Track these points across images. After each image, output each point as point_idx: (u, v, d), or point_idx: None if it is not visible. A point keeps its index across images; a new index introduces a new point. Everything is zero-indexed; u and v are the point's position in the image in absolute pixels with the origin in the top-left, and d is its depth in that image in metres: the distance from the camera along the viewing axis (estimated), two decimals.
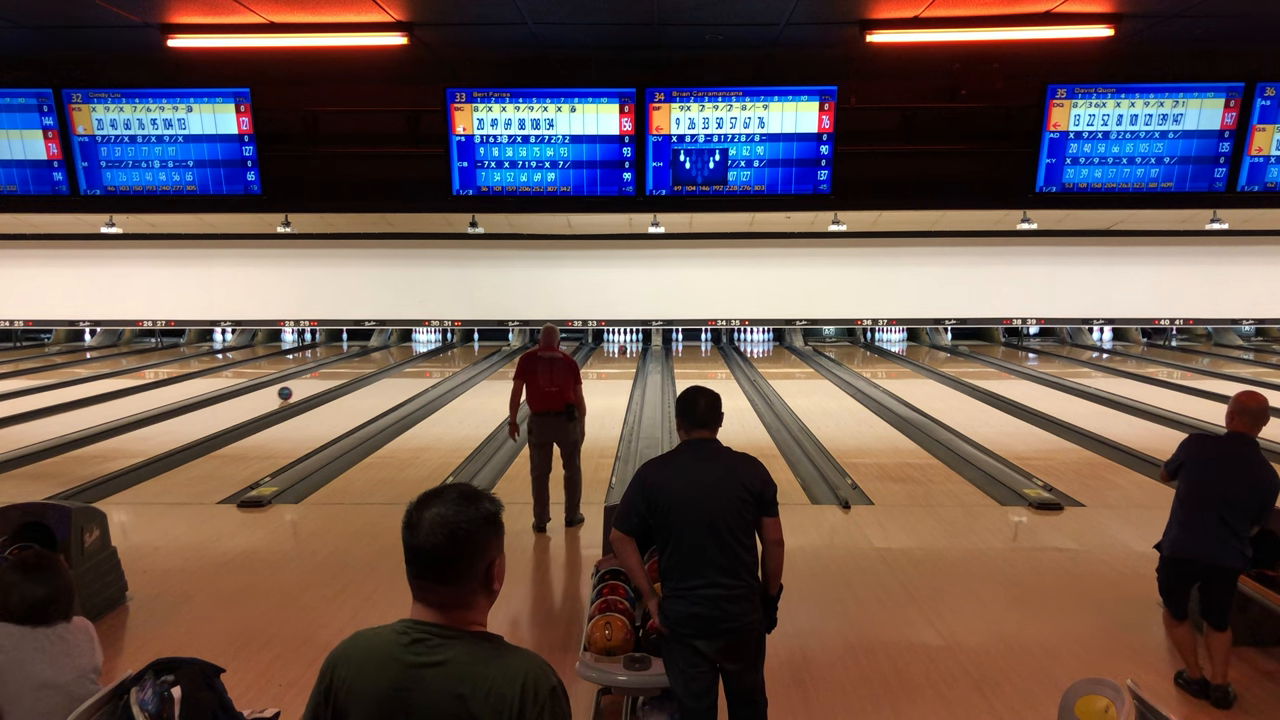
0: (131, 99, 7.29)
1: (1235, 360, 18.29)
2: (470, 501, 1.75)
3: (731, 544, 3.17)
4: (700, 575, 3.16)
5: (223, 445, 9.97)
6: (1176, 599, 4.26)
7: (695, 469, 3.26)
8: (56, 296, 20.30)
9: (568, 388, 6.57)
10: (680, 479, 3.24)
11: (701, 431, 3.36)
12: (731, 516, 3.17)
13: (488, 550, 1.75)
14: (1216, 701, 4.08)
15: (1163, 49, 7.07)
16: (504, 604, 5.54)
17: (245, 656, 4.47)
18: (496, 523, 1.78)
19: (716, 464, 3.27)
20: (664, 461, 3.36)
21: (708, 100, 7.12)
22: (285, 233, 16.65)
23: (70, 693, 2.73)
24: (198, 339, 22.08)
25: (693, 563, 3.17)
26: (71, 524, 4.91)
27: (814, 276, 19.98)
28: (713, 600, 3.14)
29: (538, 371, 6.60)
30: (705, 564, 3.16)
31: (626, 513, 3.27)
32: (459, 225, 16.60)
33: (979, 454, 9.30)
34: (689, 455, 3.31)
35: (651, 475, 3.29)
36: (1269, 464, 4.14)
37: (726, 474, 3.24)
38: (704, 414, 3.35)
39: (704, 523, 3.16)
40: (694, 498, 3.19)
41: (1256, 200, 7.30)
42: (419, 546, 1.73)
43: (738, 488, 3.21)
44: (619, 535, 3.28)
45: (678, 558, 3.19)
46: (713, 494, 3.19)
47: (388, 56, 6.92)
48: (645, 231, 17.06)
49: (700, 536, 3.16)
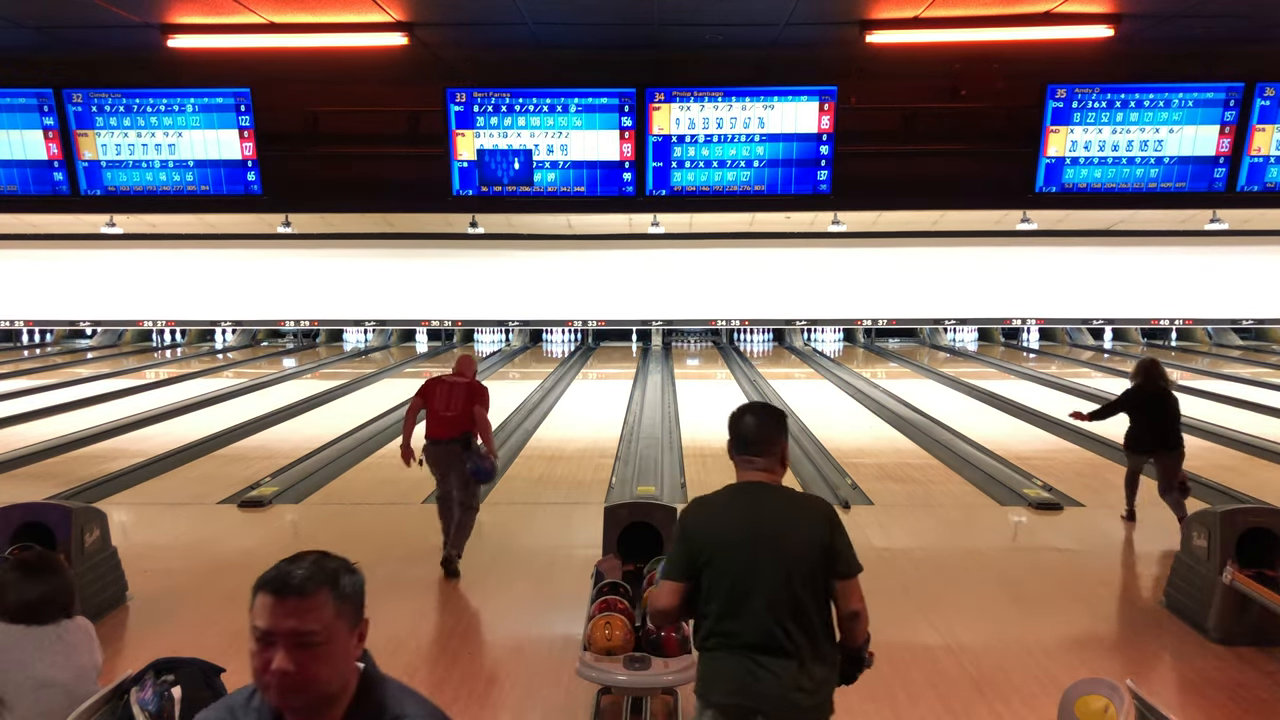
0: (131, 99, 7.29)
1: (1235, 360, 18.29)
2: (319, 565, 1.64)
3: (784, 613, 2.47)
4: (740, 647, 2.49)
5: (223, 445, 9.97)
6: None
7: (739, 510, 2.58)
8: (56, 296, 20.29)
9: (465, 415, 5.92)
10: (719, 523, 2.58)
11: (751, 460, 2.64)
12: (792, 578, 2.47)
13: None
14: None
15: (1163, 49, 7.07)
16: (504, 604, 5.54)
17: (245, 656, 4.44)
18: (339, 590, 1.63)
19: (769, 506, 2.58)
20: (701, 501, 2.68)
21: (708, 100, 7.12)
22: (285, 233, 16.66)
23: (71, 691, 2.73)
24: (198, 339, 22.08)
25: (733, 632, 2.51)
26: (71, 524, 4.91)
27: (814, 277, 19.97)
28: (756, 690, 2.45)
29: (435, 395, 6.01)
30: (749, 634, 2.48)
31: (670, 557, 2.66)
32: (459, 225, 16.59)
33: (979, 454, 9.30)
34: (730, 493, 2.65)
35: (689, 515, 2.66)
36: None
37: (781, 518, 2.55)
38: (753, 435, 2.64)
39: (748, 582, 2.49)
40: (737, 548, 2.52)
41: (1256, 200, 7.31)
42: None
43: (799, 538, 2.51)
44: (664, 585, 2.62)
45: (713, 623, 2.54)
46: (762, 544, 2.50)
47: (388, 56, 6.92)
48: (645, 231, 17.05)
49: (742, 600, 2.49)
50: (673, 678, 3.44)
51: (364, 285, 20.17)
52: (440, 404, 5.97)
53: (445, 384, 6.07)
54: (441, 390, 6.02)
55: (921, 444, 9.95)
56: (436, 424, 5.98)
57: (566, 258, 19.83)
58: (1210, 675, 4.37)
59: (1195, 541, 4.96)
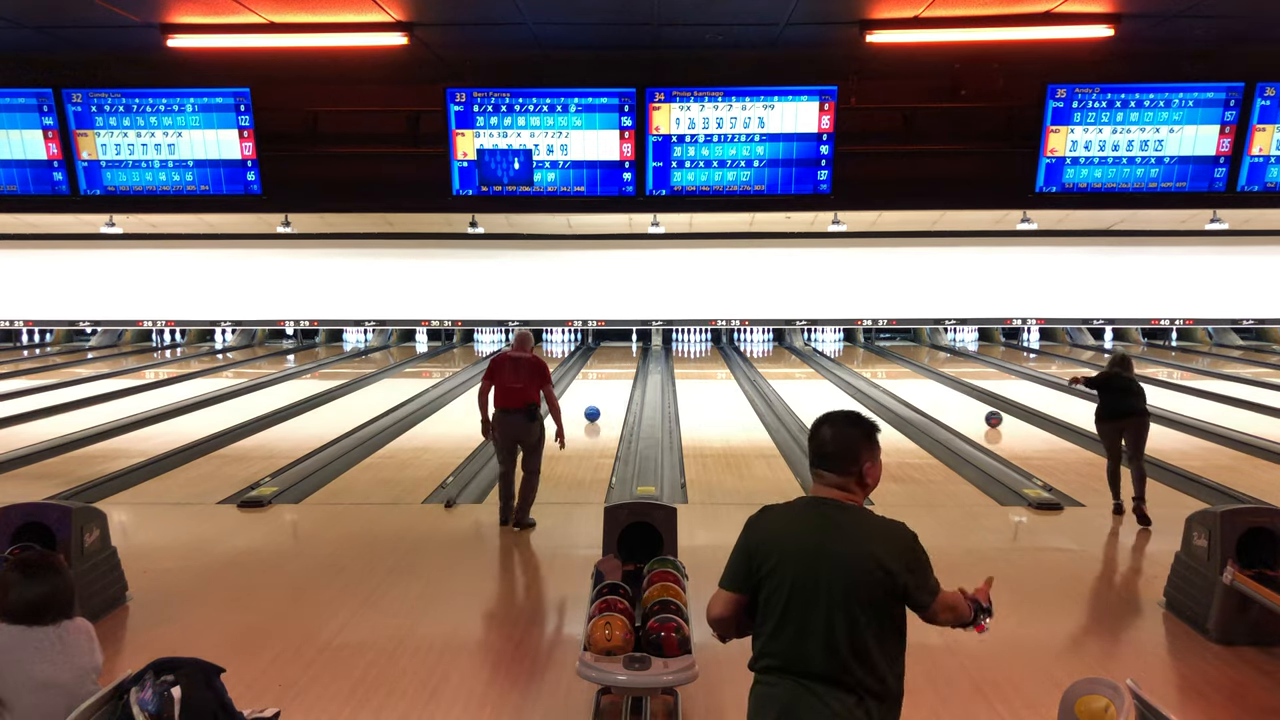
0: (131, 99, 7.29)
1: (1235, 360, 18.29)
2: None
3: (843, 642, 2.27)
4: (793, 672, 2.31)
5: (223, 445, 9.96)
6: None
7: (807, 525, 2.39)
8: (56, 296, 20.29)
9: (531, 387, 6.66)
10: (784, 534, 2.39)
11: (822, 474, 2.44)
12: (853, 604, 2.28)
13: None
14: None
15: (1163, 49, 7.07)
16: (504, 603, 5.55)
17: (245, 656, 4.47)
18: None
19: (841, 524, 2.37)
20: (768, 509, 2.50)
21: (708, 100, 7.12)
22: (285, 233, 16.66)
23: (71, 692, 2.73)
24: (198, 339, 22.08)
25: (787, 654, 2.33)
26: (71, 524, 4.91)
27: (814, 277, 19.97)
28: (811, 714, 2.27)
29: (504, 370, 6.71)
30: (802, 658, 2.30)
31: (728, 565, 2.48)
32: (459, 225, 16.60)
33: (979, 454, 9.30)
34: (802, 505, 2.46)
35: (753, 521, 2.48)
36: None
37: (850, 540, 2.34)
38: (828, 448, 2.44)
39: (807, 602, 2.30)
40: (799, 564, 2.32)
41: (1256, 200, 7.31)
42: None
43: (869, 564, 2.30)
44: (719, 593, 2.46)
45: (765, 643, 2.38)
46: (825, 563, 2.30)
47: (388, 56, 6.92)
48: (645, 231, 17.05)
49: (798, 620, 2.31)
50: (673, 678, 3.44)
51: (364, 285, 20.17)
52: (508, 377, 6.68)
53: (511, 359, 6.76)
54: (509, 364, 6.72)
55: (921, 444, 9.95)
56: (504, 395, 6.68)
57: (566, 258, 19.83)
58: (1210, 675, 4.37)
59: (1195, 541, 4.96)
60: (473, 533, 6.83)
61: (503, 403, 6.67)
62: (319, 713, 3.94)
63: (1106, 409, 7.20)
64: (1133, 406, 7.07)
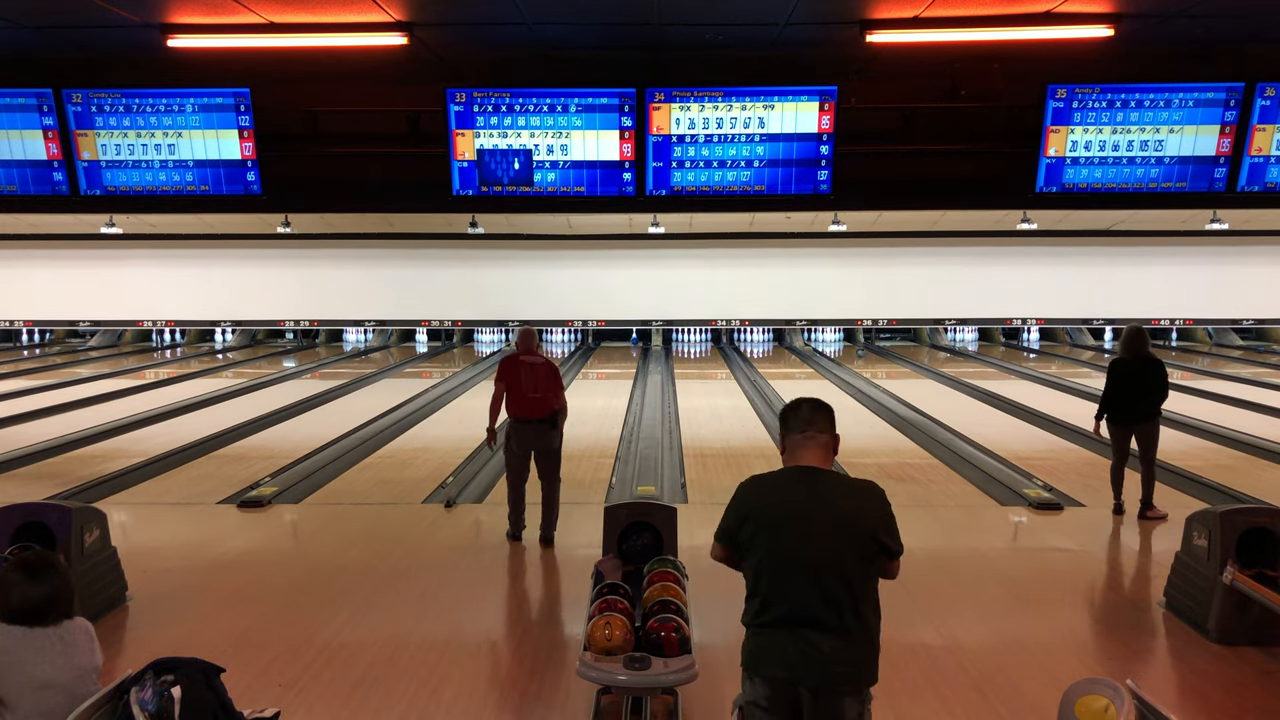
0: (131, 99, 7.29)
1: (1235, 360, 18.29)
2: None
3: (833, 591, 2.58)
4: (788, 622, 2.61)
5: (223, 445, 9.96)
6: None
7: (794, 488, 2.70)
8: (56, 296, 20.29)
9: (551, 394, 6.36)
10: (773, 497, 2.71)
11: (814, 436, 2.77)
12: (843, 556, 2.60)
13: None
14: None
15: (1163, 49, 7.07)
16: (503, 604, 5.55)
17: (245, 656, 4.47)
18: None
19: (825, 487, 2.70)
20: (757, 477, 2.81)
21: (708, 100, 7.12)
22: (285, 233, 16.67)
23: (71, 692, 2.73)
24: (198, 339, 22.08)
25: (782, 607, 2.62)
26: (71, 524, 4.91)
27: (814, 276, 19.97)
28: (800, 663, 2.57)
29: (520, 377, 6.35)
30: (797, 609, 2.61)
31: (721, 523, 2.78)
32: (459, 225, 16.61)
33: (979, 454, 9.30)
34: (789, 472, 2.75)
35: (743, 487, 2.79)
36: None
37: (836, 499, 2.67)
38: (809, 415, 2.80)
39: (800, 558, 2.60)
40: (791, 524, 2.64)
41: (1256, 200, 7.31)
42: None
43: (854, 519, 2.65)
44: (715, 545, 2.81)
45: (763, 599, 2.66)
46: (815, 522, 2.62)
47: (388, 56, 6.92)
48: (645, 231, 17.06)
49: (792, 575, 2.61)
50: (673, 678, 3.44)
51: (364, 285, 20.18)
52: (527, 386, 6.32)
53: (524, 365, 6.37)
54: (524, 371, 6.34)
55: (921, 444, 9.95)
56: (524, 405, 6.33)
57: (566, 257, 19.83)
58: (1210, 675, 4.37)
59: (1195, 541, 4.96)
60: (473, 533, 6.83)
61: (522, 412, 6.34)
62: (319, 713, 3.94)
63: (1115, 408, 6.93)
64: (1143, 410, 6.78)
